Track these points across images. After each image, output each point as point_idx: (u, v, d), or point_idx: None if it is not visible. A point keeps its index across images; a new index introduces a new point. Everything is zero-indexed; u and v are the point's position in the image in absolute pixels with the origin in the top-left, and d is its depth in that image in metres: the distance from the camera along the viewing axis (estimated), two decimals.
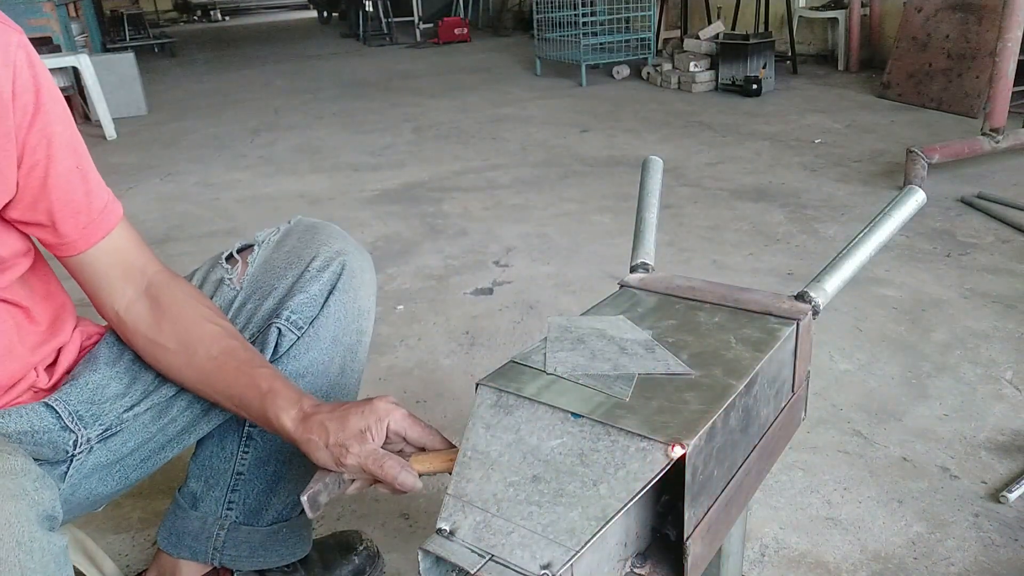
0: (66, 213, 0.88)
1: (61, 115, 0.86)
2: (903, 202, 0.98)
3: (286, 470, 1.12)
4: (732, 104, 5.15)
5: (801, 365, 0.92)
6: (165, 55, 10.38)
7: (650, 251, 1.05)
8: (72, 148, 0.88)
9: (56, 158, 0.85)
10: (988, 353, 1.95)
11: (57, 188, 0.86)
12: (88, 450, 0.94)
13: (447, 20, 9.80)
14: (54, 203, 0.86)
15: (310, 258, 1.04)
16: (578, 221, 3.09)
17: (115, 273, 0.94)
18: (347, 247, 1.06)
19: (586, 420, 0.71)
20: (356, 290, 1.06)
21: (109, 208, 0.93)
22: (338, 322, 1.05)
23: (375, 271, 1.12)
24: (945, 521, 1.41)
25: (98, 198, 0.91)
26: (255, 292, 1.05)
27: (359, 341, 1.10)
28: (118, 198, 0.98)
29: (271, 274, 1.06)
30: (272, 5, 20.07)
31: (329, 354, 1.06)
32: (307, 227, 1.11)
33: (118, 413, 0.97)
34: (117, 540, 1.46)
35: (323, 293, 1.03)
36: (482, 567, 0.63)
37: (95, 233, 0.91)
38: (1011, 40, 3.25)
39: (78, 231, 0.90)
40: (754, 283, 2.40)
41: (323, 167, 4.18)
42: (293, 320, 1.02)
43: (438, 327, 2.26)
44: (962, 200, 3.02)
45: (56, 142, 0.85)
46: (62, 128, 0.86)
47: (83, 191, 0.89)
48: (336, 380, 1.08)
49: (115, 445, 0.97)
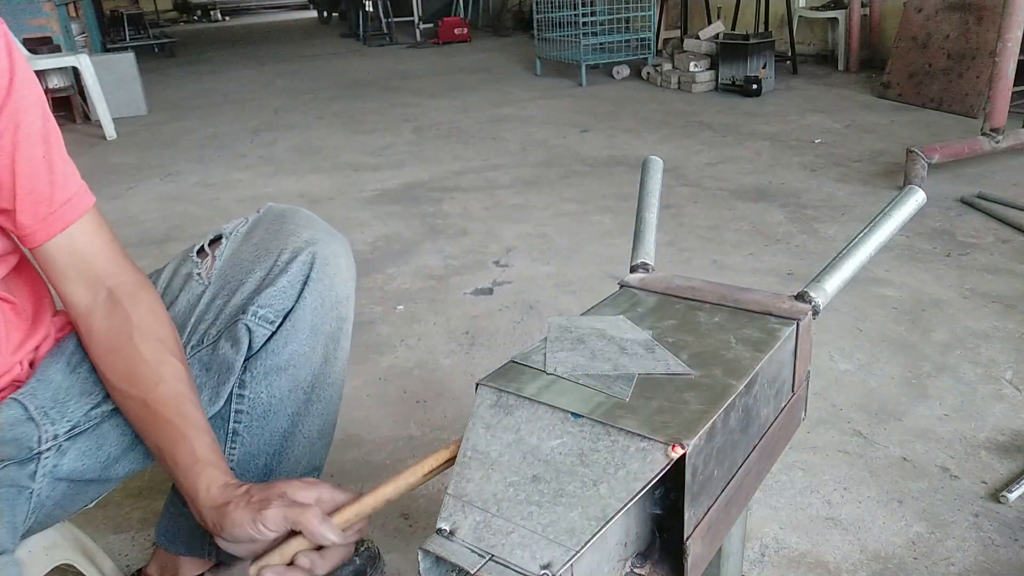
0: (26, 202, 0.85)
1: (34, 103, 0.85)
2: (903, 202, 0.98)
3: (276, 463, 1.10)
4: (732, 104, 5.15)
5: (801, 365, 0.92)
6: (165, 55, 10.38)
7: (650, 251, 1.05)
8: (42, 137, 0.86)
9: (22, 145, 0.84)
10: (988, 353, 1.95)
11: (21, 175, 0.84)
12: (57, 448, 0.92)
13: (447, 20, 9.80)
14: (16, 190, 0.85)
15: (278, 250, 1.02)
16: (578, 221, 3.09)
17: (72, 274, 0.91)
18: (316, 235, 1.03)
19: (586, 420, 0.71)
20: (331, 277, 1.03)
21: (73, 203, 0.89)
22: (316, 312, 1.03)
23: (351, 254, 1.09)
24: (945, 521, 1.41)
25: (63, 190, 0.88)
26: (224, 287, 1.03)
27: (340, 329, 1.08)
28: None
29: (239, 268, 1.03)
30: (272, 5, 20.07)
31: (310, 344, 1.04)
32: (276, 216, 1.08)
33: (86, 411, 0.94)
34: (117, 540, 1.46)
35: (295, 285, 1.01)
36: (482, 567, 0.63)
37: (53, 226, 0.88)
38: (1011, 40, 3.25)
39: (37, 222, 0.87)
40: (754, 283, 2.40)
41: (323, 167, 4.18)
42: (262, 315, 0.99)
43: (438, 327, 2.26)
44: (962, 200, 3.02)
45: (24, 129, 0.83)
46: (34, 117, 0.85)
47: (47, 181, 0.87)
48: (320, 370, 1.07)
49: (85, 444, 0.94)
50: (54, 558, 1.02)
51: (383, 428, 1.78)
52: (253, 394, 1.03)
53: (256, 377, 1.03)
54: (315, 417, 1.10)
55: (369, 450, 1.70)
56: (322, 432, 1.13)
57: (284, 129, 5.22)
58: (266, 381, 1.03)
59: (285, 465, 1.10)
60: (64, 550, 1.05)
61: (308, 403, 1.08)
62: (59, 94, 5.61)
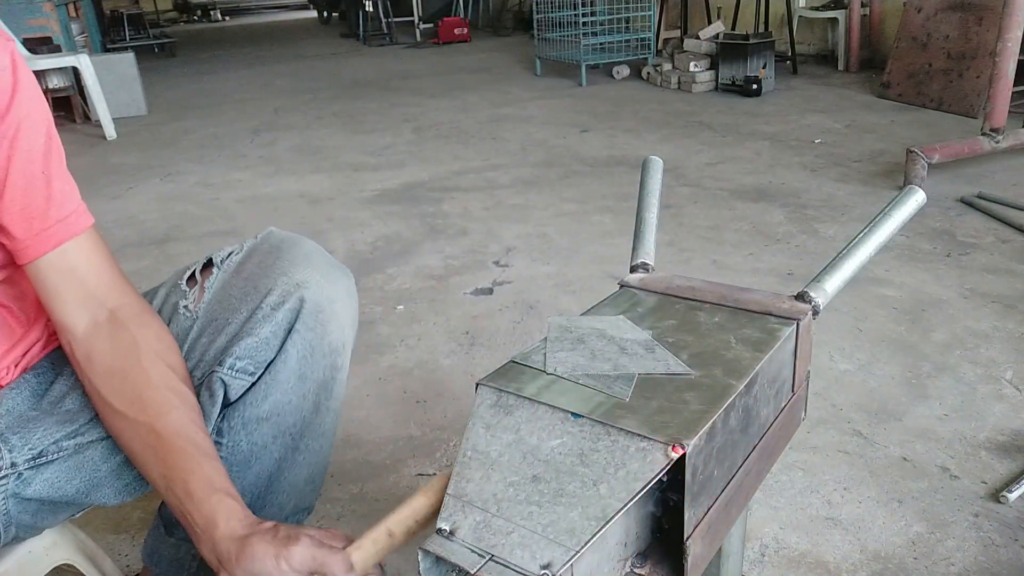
0: (18, 217, 0.83)
1: (36, 120, 0.83)
2: (903, 202, 0.98)
3: (260, 505, 1.05)
4: (732, 104, 5.15)
5: (801, 365, 0.92)
6: (165, 55, 10.38)
7: (650, 251, 1.05)
8: (42, 154, 0.84)
9: (17, 161, 0.82)
10: (988, 353, 1.95)
11: (14, 189, 0.82)
12: (16, 475, 0.87)
13: (447, 20, 9.80)
14: (8, 205, 0.82)
15: (266, 290, 0.95)
16: (578, 221, 3.09)
17: (67, 294, 0.87)
18: (310, 277, 0.95)
19: (586, 420, 0.71)
20: (324, 325, 0.96)
21: (70, 220, 0.86)
22: (303, 361, 0.96)
23: (355, 295, 1.03)
24: (945, 521, 1.41)
25: (59, 208, 0.85)
26: (210, 324, 0.97)
27: (333, 377, 1.01)
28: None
29: (226, 305, 0.97)
30: (272, 5, 20.06)
31: (298, 392, 0.98)
32: (272, 247, 1.00)
33: (57, 441, 0.89)
34: (117, 540, 1.46)
35: (277, 335, 0.94)
36: (482, 567, 0.63)
37: (46, 242, 0.85)
38: (1011, 40, 3.25)
39: (29, 236, 0.84)
40: (754, 283, 2.40)
41: (323, 167, 4.18)
42: (240, 367, 0.93)
43: (438, 327, 2.26)
44: (962, 200, 3.02)
45: (21, 145, 0.82)
46: (36, 133, 0.83)
47: (43, 196, 0.84)
48: (310, 418, 1.01)
49: (52, 475, 0.89)
50: (54, 558, 1.02)
51: (383, 428, 1.78)
52: (232, 443, 0.98)
53: (234, 427, 0.97)
54: (303, 464, 1.04)
55: (369, 450, 1.70)
56: (311, 478, 1.07)
57: (284, 129, 5.22)
58: (246, 431, 0.98)
59: (269, 508, 1.05)
60: (64, 550, 1.05)
61: (295, 451, 1.02)
62: (59, 94, 5.61)
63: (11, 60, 0.82)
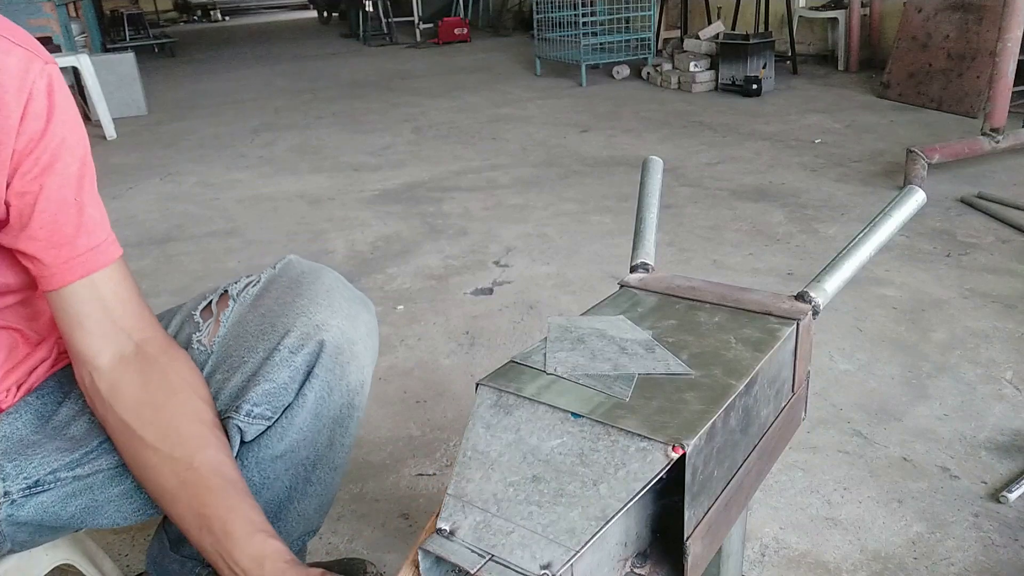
0: (47, 244, 0.82)
1: (72, 145, 0.82)
2: (903, 202, 0.98)
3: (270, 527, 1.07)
4: (732, 104, 5.15)
5: (801, 365, 0.92)
6: (165, 55, 10.38)
7: (650, 251, 1.05)
8: (76, 181, 0.83)
9: (49, 187, 0.80)
10: (988, 353, 1.95)
11: (43, 215, 0.81)
12: (10, 503, 0.85)
13: (447, 20, 9.80)
14: (38, 232, 0.81)
15: (284, 332, 0.92)
16: (578, 221, 3.09)
17: (92, 324, 0.85)
18: (330, 319, 0.93)
19: (586, 420, 0.71)
20: (343, 367, 0.95)
21: (100, 249, 0.85)
22: (320, 402, 0.95)
23: (376, 331, 1.01)
24: (945, 521, 1.41)
25: (89, 236, 0.84)
26: (224, 361, 0.95)
27: (350, 416, 1.00)
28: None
29: (242, 342, 0.95)
30: (272, 5, 20.07)
31: (313, 429, 0.96)
32: (291, 280, 0.98)
33: (54, 471, 0.87)
34: (117, 540, 1.46)
35: (296, 379, 0.92)
36: (482, 567, 0.63)
37: (75, 270, 0.83)
38: (1011, 40, 3.25)
39: (57, 264, 0.82)
40: (754, 283, 2.40)
41: (323, 167, 4.18)
42: (257, 413, 0.92)
43: (438, 327, 2.26)
44: (962, 200, 3.02)
45: (55, 172, 0.80)
46: (70, 159, 0.82)
47: (74, 224, 0.83)
48: (324, 453, 0.99)
49: (48, 502, 0.87)
50: (54, 558, 1.02)
51: (383, 428, 1.78)
52: (245, 476, 0.95)
53: (248, 465, 0.96)
54: (313, 496, 1.03)
55: (369, 450, 1.70)
56: (320, 506, 1.06)
57: (284, 129, 5.22)
58: (259, 468, 0.96)
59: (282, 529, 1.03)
60: (64, 550, 1.05)
61: (307, 483, 1.01)
62: None
63: (47, 84, 0.79)
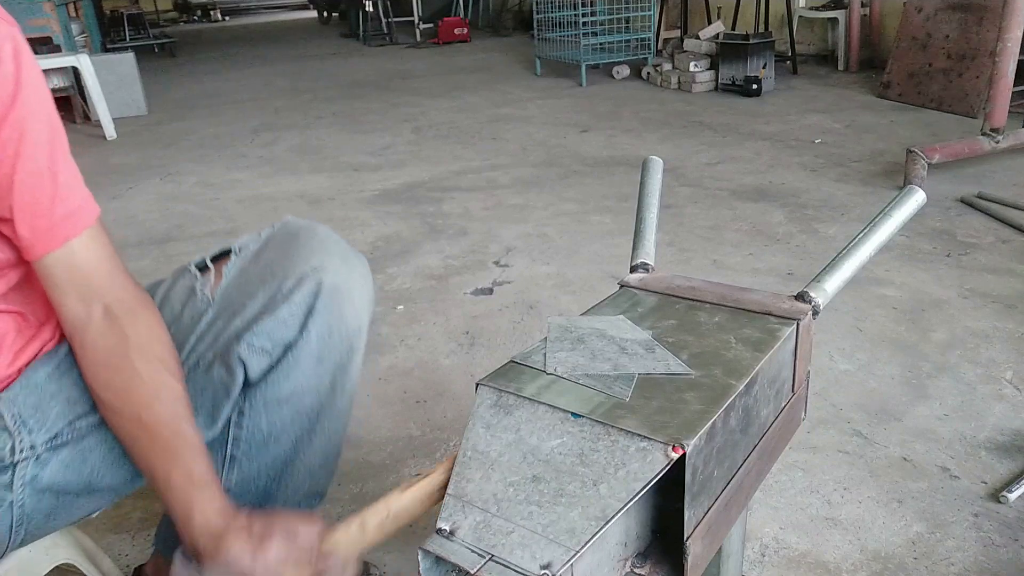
0: (25, 214, 0.82)
1: (42, 113, 0.82)
2: (903, 202, 0.98)
3: (276, 487, 1.07)
4: (732, 104, 5.15)
5: (801, 365, 0.92)
6: (165, 55, 10.38)
7: (650, 251, 1.05)
8: (48, 148, 0.83)
9: (25, 156, 0.81)
10: (988, 353, 1.95)
11: (22, 186, 0.81)
12: (35, 459, 0.88)
13: (447, 20, 9.80)
14: (15, 201, 0.81)
15: (283, 276, 0.96)
16: (578, 221, 3.09)
17: (70, 288, 0.87)
18: (327, 262, 0.98)
19: (586, 420, 0.71)
20: (341, 307, 0.98)
21: (75, 216, 0.86)
22: (322, 342, 0.98)
23: (370, 279, 1.05)
24: (945, 521, 1.41)
25: (64, 203, 0.85)
26: (226, 308, 0.98)
27: (350, 359, 1.03)
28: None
29: (243, 290, 0.98)
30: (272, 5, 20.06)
31: (316, 374, 0.99)
32: (289, 234, 1.02)
33: (71, 421, 0.90)
34: (117, 540, 1.46)
35: (296, 316, 0.95)
36: (482, 567, 0.63)
37: (52, 240, 0.84)
38: (1011, 40, 3.25)
39: (35, 235, 0.83)
40: (754, 283, 2.40)
41: (323, 167, 4.18)
42: (258, 345, 0.95)
43: (438, 327, 2.26)
44: (962, 200, 3.02)
45: (29, 139, 0.81)
46: (41, 126, 0.82)
47: (49, 193, 0.83)
48: (327, 399, 1.03)
49: (70, 457, 0.90)
50: (54, 558, 1.02)
51: (383, 428, 1.78)
52: (252, 423, 1.00)
53: (256, 408, 0.99)
54: (318, 446, 1.06)
55: (369, 450, 1.70)
56: (325, 461, 1.09)
57: (284, 129, 5.22)
58: (266, 411, 0.99)
59: (285, 490, 1.07)
60: (64, 550, 1.05)
61: (312, 432, 1.04)
62: (59, 94, 5.60)
63: (13, 48, 0.79)
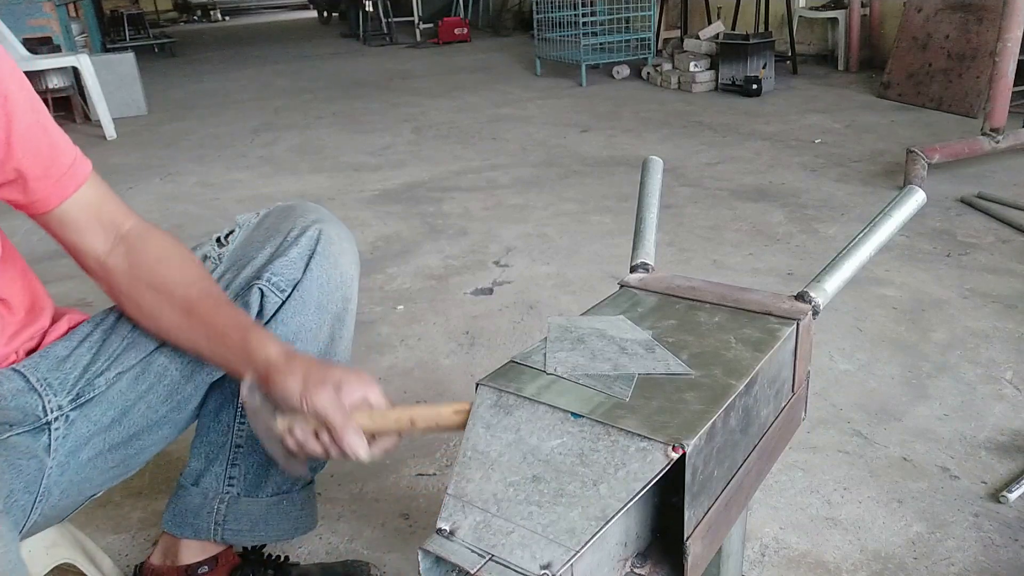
0: (35, 170, 0.89)
1: (14, 76, 0.87)
2: (903, 202, 0.98)
3: None
4: (732, 104, 5.15)
5: (801, 365, 0.92)
6: (165, 55, 10.38)
7: (650, 251, 1.05)
8: (31, 106, 0.89)
9: (16, 115, 0.86)
10: (988, 353, 1.95)
11: (21, 144, 0.87)
12: (64, 419, 0.95)
13: (447, 20, 9.80)
14: (21, 160, 0.88)
15: (287, 230, 1.07)
16: (578, 221, 3.09)
17: (90, 225, 0.96)
18: (323, 217, 1.10)
19: (586, 420, 0.71)
20: (336, 256, 1.08)
21: (78, 164, 0.94)
22: (321, 288, 1.06)
23: (355, 244, 1.14)
24: (945, 521, 1.41)
25: (64, 153, 0.92)
26: (235, 263, 1.07)
27: (346, 309, 1.11)
28: None
29: (250, 246, 1.09)
30: (272, 5, 20.06)
31: (317, 321, 1.07)
32: (285, 207, 1.15)
33: (88, 379, 0.97)
34: (117, 540, 1.46)
35: (303, 257, 1.05)
36: (482, 567, 0.63)
37: (67, 187, 0.92)
38: (1011, 40, 3.25)
39: (49, 187, 0.91)
40: (754, 283, 2.40)
41: (323, 167, 4.18)
42: (275, 282, 1.03)
43: (438, 327, 2.26)
44: (962, 200, 3.02)
45: (13, 99, 0.86)
46: (17, 87, 0.87)
47: (47, 144, 0.90)
48: (327, 348, 1.10)
49: (94, 414, 0.97)
50: (54, 557, 1.03)
51: None
52: None
53: None
54: None
55: None
56: None
57: (284, 129, 5.22)
58: None
59: None
60: (64, 549, 1.05)
61: None
62: (59, 94, 5.61)
63: None
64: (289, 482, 1.16)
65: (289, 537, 1.19)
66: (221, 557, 1.19)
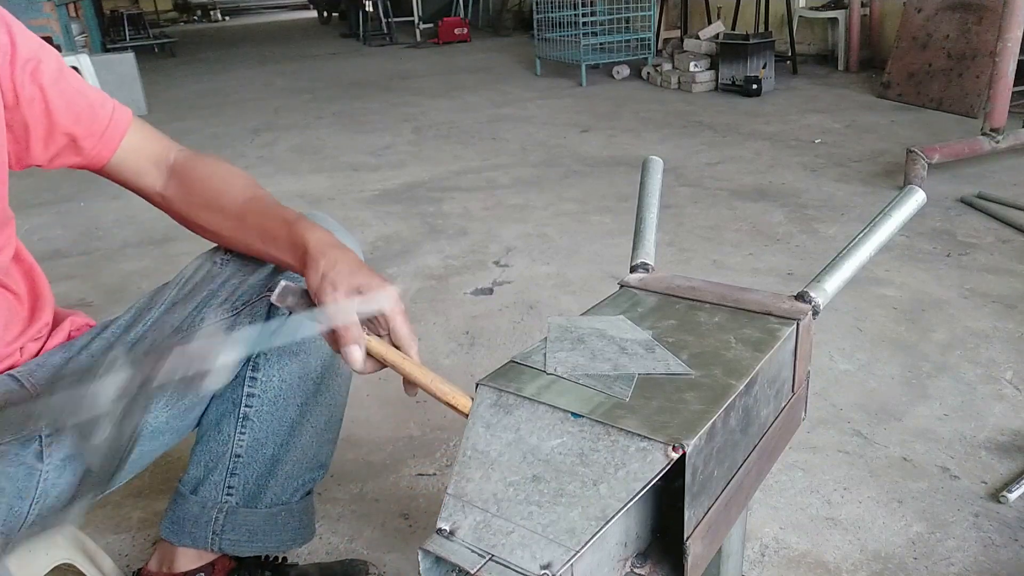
0: (81, 130, 0.94)
1: (41, 47, 0.92)
2: (903, 202, 0.98)
3: (283, 453, 1.12)
4: (732, 104, 5.15)
5: (801, 365, 0.92)
6: (165, 55, 10.38)
7: (650, 251, 1.05)
8: (61, 72, 0.93)
9: (48, 85, 0.90)
10: (988, 353, 1.95)
11: (61, 110, 0.92)
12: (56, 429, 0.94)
13: (447, 20, 9.80)
14: (67, 125, 0.92)
15: None
16: (578, 221, 3.09)
17: (143, 167, 1.02)
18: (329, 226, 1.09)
19: (586, 420, 0.71)
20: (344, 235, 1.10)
21: (118, 113, 0.98)
22: None
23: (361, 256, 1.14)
24: (945, 521, 1.41)
25: (103, 107, 0.97)
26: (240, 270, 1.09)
27: None
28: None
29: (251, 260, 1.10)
30: (272, 5, 20.07)
31: None
32: None
33: None
34: (117, 540, 1.46)
35: None
36: (482, 567, 0.63)
37: (113, 140, 0.97)
38: (1011, 40, 3.25)
39: (97, 143, 0.96)
40: (754, 283, 2.40)
41: (323, 167, 4.18)
42: None
43: (438, 327, 2.26)
44: (962, 200, 3.02)
45: (43, 69, 0.90)
46: (45, 56, 0.91)
47: (86, 104, 0.95)
48: (330, 360, 1.11)
49: None
50: (54, 557, 1.03)
51: (383, 428, 1.78)
52: (266, 377, 1.08)
53: (270, 360, 1.07)
54: (323, 407, 1.14)
55: (369, 450, 1.70)
56: (329, 424, 1.16)
57: (284, 129, 5.22)
58: (279, 364, 1.08)
59: (292, 455, 1.13)
60: (64, 550, 1.05)
61: (317, 393, 1.12)
62: None
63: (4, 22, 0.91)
64: (287, 494, 1.16)
65: (287, 548, 1.19)
66: (218, 563, 1.19)
